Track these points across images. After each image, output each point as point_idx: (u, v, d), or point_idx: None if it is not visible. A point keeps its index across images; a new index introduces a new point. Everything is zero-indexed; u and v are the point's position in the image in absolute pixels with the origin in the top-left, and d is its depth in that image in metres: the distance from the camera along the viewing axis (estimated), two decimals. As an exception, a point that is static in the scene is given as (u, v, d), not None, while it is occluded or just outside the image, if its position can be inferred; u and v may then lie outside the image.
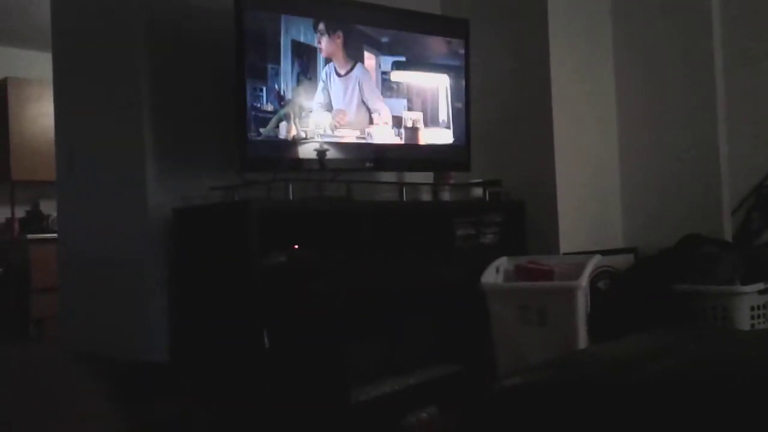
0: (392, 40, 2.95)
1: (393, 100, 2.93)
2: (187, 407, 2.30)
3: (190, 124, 2.73)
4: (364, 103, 2.83)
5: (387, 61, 2.92)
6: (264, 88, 2.55)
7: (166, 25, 2.71)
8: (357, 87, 2.80)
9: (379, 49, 2.90)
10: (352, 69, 2.80)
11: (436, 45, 3.11)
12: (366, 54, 2.85)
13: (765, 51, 3.36)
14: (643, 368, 1.19)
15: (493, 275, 2.87)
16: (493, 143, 3.43)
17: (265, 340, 2.28)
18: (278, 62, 2.59)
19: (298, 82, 2.64)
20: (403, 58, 2.97)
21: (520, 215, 3.29)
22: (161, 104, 2.68)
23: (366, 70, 2.83)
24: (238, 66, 2.48)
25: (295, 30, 2.63)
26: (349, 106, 2.79)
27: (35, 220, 5.02)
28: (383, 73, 2.90)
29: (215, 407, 2.32)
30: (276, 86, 2.57)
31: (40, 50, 4.51)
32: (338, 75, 2.75)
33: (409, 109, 2.98)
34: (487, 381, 2.37)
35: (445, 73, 3.12)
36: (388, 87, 2.91)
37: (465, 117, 3.16)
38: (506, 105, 3.45)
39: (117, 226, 2.82)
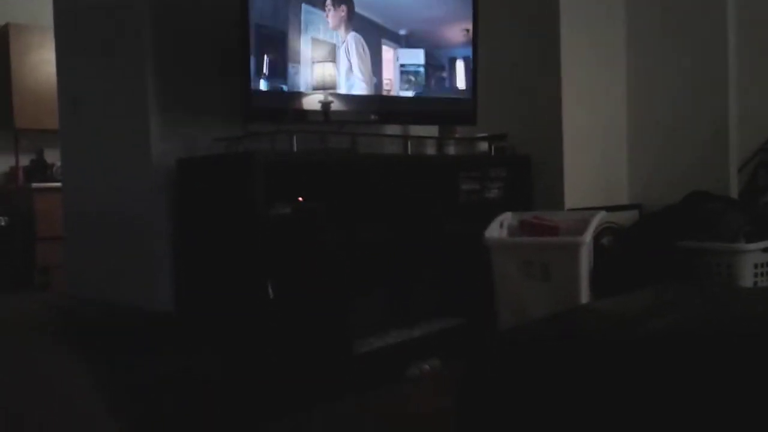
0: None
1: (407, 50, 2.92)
2: (190, 358, 2.33)
3: (195, 74, 2.70)
4: (365, 59, 2.80)
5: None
6: (269, 39, 2.51)
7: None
8: (354, 51, 2.77)
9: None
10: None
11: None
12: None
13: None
14: (648, 323, 1.20)
15: (497, 230, 2.87)
16: (500, 96, 3.39)
17: (270, 291, 2.29)
18: (285, 13, 2.54)
19: (303, 32, 2.60)
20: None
21: (526, 170, 3.27)
22: (165, 53, 2.64)
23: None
24: (242, 13, 2.43)
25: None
26: (354, 62, 2.75)
27: (40, 169, 5.01)
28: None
29: (218, 357, 2.35)
30: (281, 37, 2.54)
31: (41, -4, 4.42)
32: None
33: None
34: (489, 335, 2.39)
35: (452, 23, 3.07)
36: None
37: (472, 70, 3.12)
38: (513, 57, 3.40)
39: (121, 175, 2.81)
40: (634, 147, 3.58)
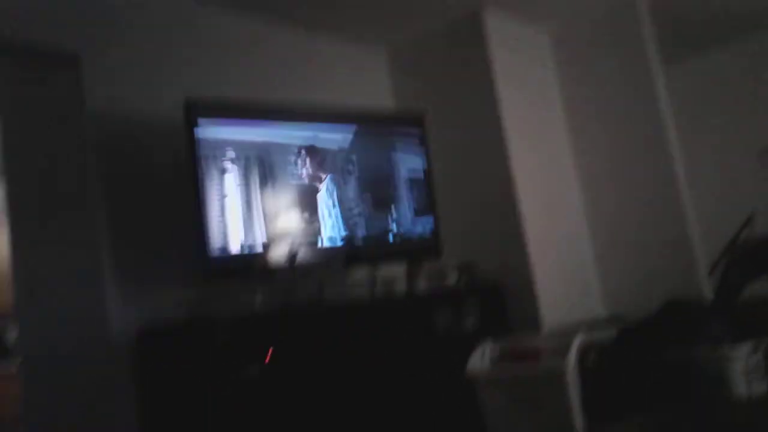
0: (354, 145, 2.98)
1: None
2: None
3: (150, 242, 2.65)
4: (334, 207, 2.83)
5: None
6: (223, 200, 2.51)
7: (118, 142, 2.67)
8: (329, 197, 2.82)
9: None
10: (322, 181, 2.82)
11: (397, 139, 3.15)
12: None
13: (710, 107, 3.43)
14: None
15: (479, 361, 2.75)
16: (465, 229, 3.41)
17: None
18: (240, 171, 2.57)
19: (261, 189, 2.61)
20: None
21: (498, 297, 3.22)
22: (118, 225, 2.60)
23: (333, 182, 2.85)
24: (194, 179, 2.43)
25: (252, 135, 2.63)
26: (321, 212, 2.79)
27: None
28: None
29: None
30: (235, 196, 2.54)
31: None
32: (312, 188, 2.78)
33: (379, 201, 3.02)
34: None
35: (407, 165, 3.15)
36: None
37: (431, 207, 3.16)
38: (473, 189, 3.46)
39: (81, 351, 2.68)
40: (601, 258, 3.59)
